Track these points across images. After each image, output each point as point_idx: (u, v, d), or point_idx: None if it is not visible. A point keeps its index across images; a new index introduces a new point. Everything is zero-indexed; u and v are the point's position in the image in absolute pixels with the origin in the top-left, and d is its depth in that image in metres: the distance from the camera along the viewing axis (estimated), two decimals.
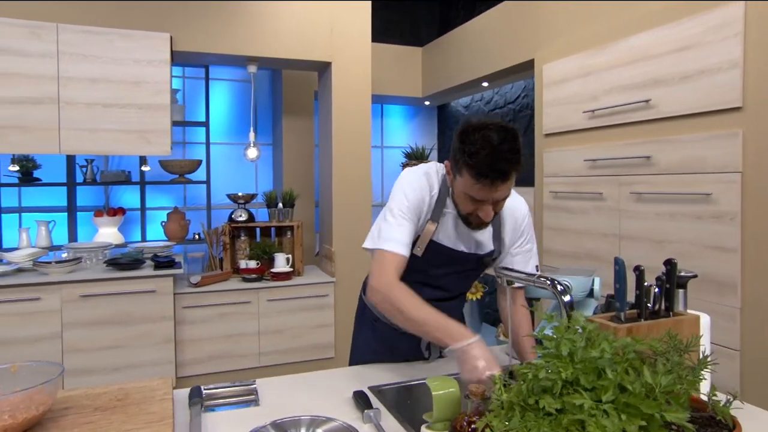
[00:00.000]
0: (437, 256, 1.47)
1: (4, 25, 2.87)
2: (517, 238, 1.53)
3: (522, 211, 1.54)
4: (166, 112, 3.18)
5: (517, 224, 1.52)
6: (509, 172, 1.25)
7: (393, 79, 4.84)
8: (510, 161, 1.24)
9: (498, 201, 1.33)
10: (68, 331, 2.94)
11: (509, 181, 1.28)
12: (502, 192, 1.29)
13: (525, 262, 1.53)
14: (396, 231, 1.39)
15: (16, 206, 4.02)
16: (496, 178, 1.24)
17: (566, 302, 1.04)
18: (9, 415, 1.05)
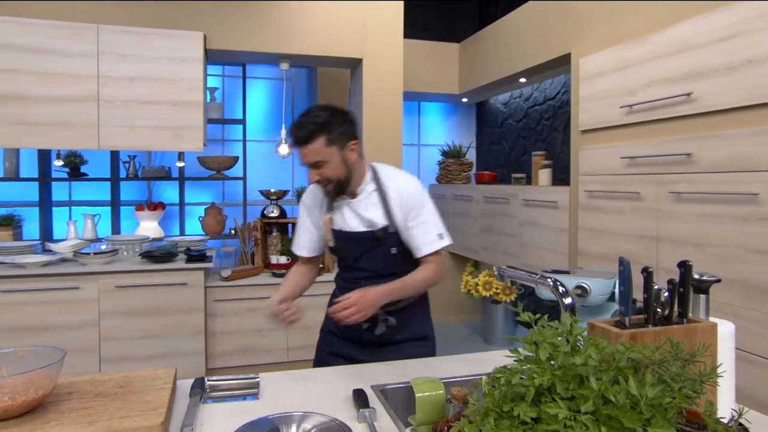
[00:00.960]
0: (342, 241, 1.75)
1: (49, 27, 3.02)
2: (408, 213, 1.69)
3: (408, 188, 1.71)
4: (199, 109, 3.26)
5: (403, 200, 1.69)
6: (298, 137, 1.58)
7: (430, 75, 4.78)
8: (298, 127, 1.58)
9: (316, 165, 1.60)
10: (105, 319, 3.05)
11: (308, 147, 1.58)
12: (309, 156, 1.59)
13: (424, 233, 1.69)
14: (297, 236, 1.88)
15: (66, 200, 4.23)
16: (294, 144, 1.60)
17: (567, 305, 0.98)
18: (9, 397, 1.08)
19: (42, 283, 2.95)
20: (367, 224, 1.70)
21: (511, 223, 3.85)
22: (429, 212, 1.72)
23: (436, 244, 1.70)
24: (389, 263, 1.74)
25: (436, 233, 1.71)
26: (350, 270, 1.81)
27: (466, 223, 4.60)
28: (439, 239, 1.71)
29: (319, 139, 1.58)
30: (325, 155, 1.60)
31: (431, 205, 1.74)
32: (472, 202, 4.49)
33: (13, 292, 2.91)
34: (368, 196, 1.71)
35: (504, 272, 1.18)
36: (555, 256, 3.34)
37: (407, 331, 1.80)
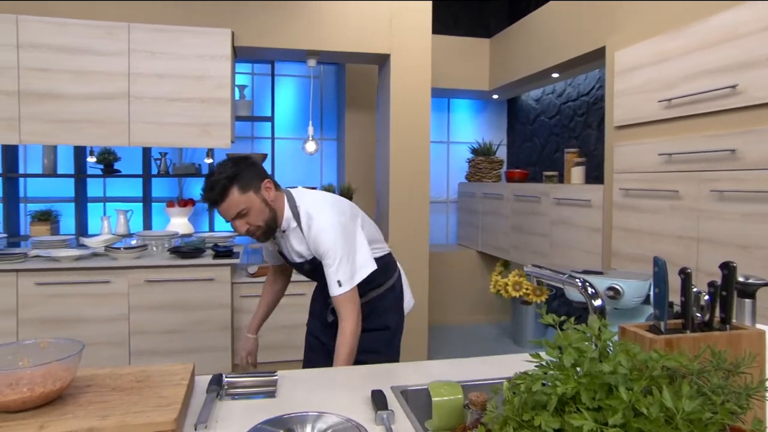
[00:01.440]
0: (290, 261, 1.85)
1: (83, 27, 3.08)
2: (316, 250, 1.70)
3: (315, 228, 1.67)
4: (227, 106, 3.27)
5: (311, 238, 1.69)
6: (212, 198, 1.61)
7: (459, 72, 4.70)
8: (209, 190, 1.61)
9: (239, 216, 1.63)
10: (134, 313, 3.10)
11: (224, 203, 1.61)
12: (230, 210, 1.62)
13: (328, 275, 1.67)
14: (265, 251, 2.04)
15: (101, 196, 4.34)
16: (212, 205, 1.64)
17: (596, 307, 0.91)
18: (27, 388, 1.08)
19: (75, 276, 3.02)
20: (297, 256, 1.79)
21: (542, 222, 3.75)
22: (334, 256, 1.65)
23: (334, 290, 1.66)
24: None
25: (335, 279, 1.65)
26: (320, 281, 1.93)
27: (496, 222, 4.51)
28: (337, 287, 1.66)
29: (233, 190, 1.60)
30: (244, 203, 1.62)
31: (340, 247, 1.65)
32: (502, 201, 4.39)
33: (48, 284, 2.98)
34: (293, 232, 1.74)
35: (531, 271, 1.12)
36: (587, 257, 3.23)
37: (370, 322, 1.87)
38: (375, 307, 1.91)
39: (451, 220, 5.49)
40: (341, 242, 1.65)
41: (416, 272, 3.63)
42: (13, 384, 1.07)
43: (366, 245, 1.75)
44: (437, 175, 5.35)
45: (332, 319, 1.88)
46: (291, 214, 1.72)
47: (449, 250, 5.08)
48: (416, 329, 3.66)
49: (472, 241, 5.04)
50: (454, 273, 4.96)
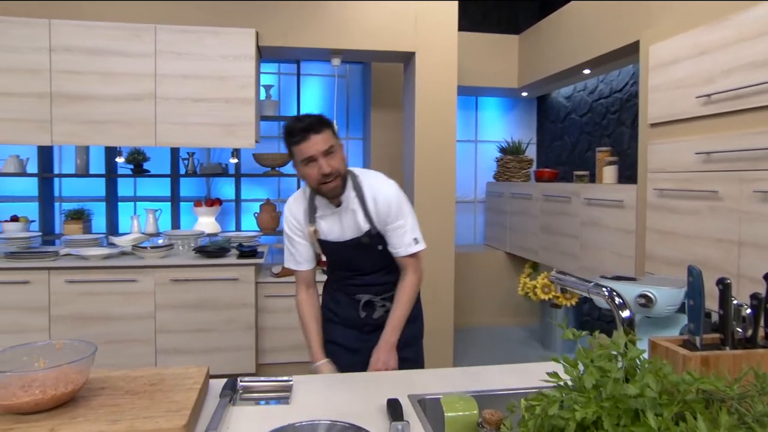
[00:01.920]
0: (330, 249, 1.80)
1: (111, 29, 3.13)
2: (386, 218, 1.73)
3: (384, 194, 1.73)
4: (251, 105, 3.28)
5: (378, 205, 1.72)
6: (311, 123, 1.59)
7: (488, 69, 4.60)
8: (309, 117, 1.62)
9: (326, 155, 1.60)
10: (161, 312, 3.14)
11: (321, 134, 1.59)
12: (320, 143, 1.59)
13: (399, 237, 1.75)
14: (293, 251, 1.84)
15: (131, 195, 4.41)
16: (304, 130, 1.59)
17: (624, 319, 0.84)
18: (40, 391, 1.08)
19: (103, 275, 3.07)
20: (351, 231, 1.76)
21: (572, 223, 3.63)
22: (404, 217, 1.76)
23: (411, 248, 1.76)
24: (376, 261, 1.82)
25: (411, 237, 1.76)
26: (340, 270, 1.87)
27: (525, 223, 4.40)
28: (414, 244, 1.77)
29: (328, 128, 1.64)
30: (334, 142, 1.65)
31: (408, 210, 1.77)
32: (531, 201, 4.28)
33: (78, 282, 3.04)
34: (350, 203, 1.74)
35: (555, 278, 1.06)
36: (619, 260, 3.11)
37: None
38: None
39: (479, 220, 5.40)
40: (407, 205, 1.77)
41: (442, 273, 3.57)
42: (26, 386, 1.07)
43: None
44: (465, 174, 5.26)
45: (364, 315, 1.85)
46: (350, 184, 1.73)
47: (476, 251, 4.99)
48: (441, 331, 3.60)
49: (500, 242, 4.94)
50: (482, 274, 4.87)
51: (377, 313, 1.83)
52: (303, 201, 1.79)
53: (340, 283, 1.89)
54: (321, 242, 1.79)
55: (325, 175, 1.61)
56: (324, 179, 1.62)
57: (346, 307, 1.87)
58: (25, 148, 3.81)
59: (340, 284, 1.88)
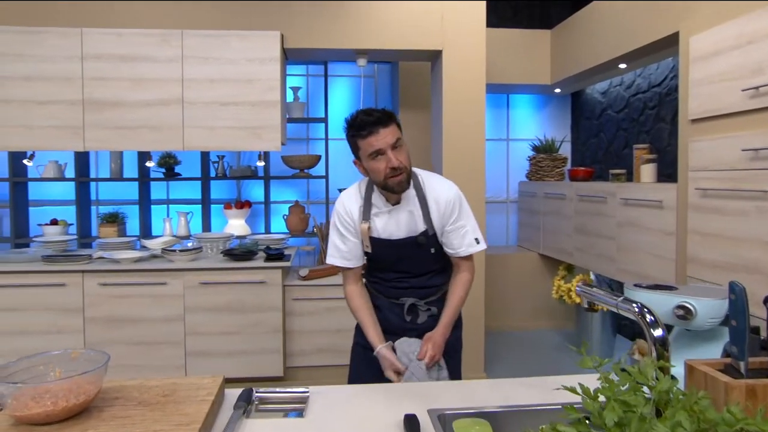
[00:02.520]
0: (382, 247, 1.75)
1: (140, 36, 3.18)
2: (446, 218, 1.72)
3: (446, 194, 1.73)
4: (277, 108, 3.27)
5: (440, 205, 1.71)
6: (380, 116, 1.59)
7: (519, 66, 4.48)
8: (376, 110, 1.61)
9: (394, 148, 1.60)
10: (190, 315, 3.17)
11: (389, 127, 1.59)
12: (389, 136, 1.59)
13: (461, 237, 1.74)
14: (342, 248, 1.78)
15: (164, 198, 4.49)
16: (373, 124, 1.58)
17: (656, 338, 0.76)
18: (51, 402, 1.07)
19: (134, 277, 3.12)
20: (407, 230, 1.73)
21: (608, 224, 3.49)
22: (466, 217, 1.76)
23: (472, 248, 1.75)
24: (426, 263, 1.79)
25: (473, 237, 1.75)
26: (385, 271, 1.83)
27: (559, 224, 4.26)
28: (476, 244, 1.76)
29: (394, 121, 1.65)
30: (401, 136, 1.65)
31: (468, 210, 1.78)
32: (565, 201, 4.14)
33: (109, 285, 3.11)
34: (409, 202, 1.73)
35: (581, 291, 0.98)
36: (659, 263, 2.95)
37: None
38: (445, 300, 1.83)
39: (511, 220, 5.26)
40: (467, 206, 1.78)
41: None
42: (37, 397, 1.07)
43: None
44: (496, 174, 5.14)
45: (409, 320, 1.81)
46: (411, 184, 1.72)
47: (509, 252, 4.87)
48: (472, 335, 3.51)
49: (533, 243, 4.80)
50: (514, 276, 4.75)
51: (421, 318, 1.79)
52: (358, 197, 1.77)
53: (381, 286, 1.83)
54: (373, 240, 1.75)
55: (393, 169, 1.60)
56: (392, 173, 1.61)
57: (387, 313, 1.82)
58: (63, 154, 3.92)
59: (382, 287, 1.83)
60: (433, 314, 1.79)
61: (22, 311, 3.08)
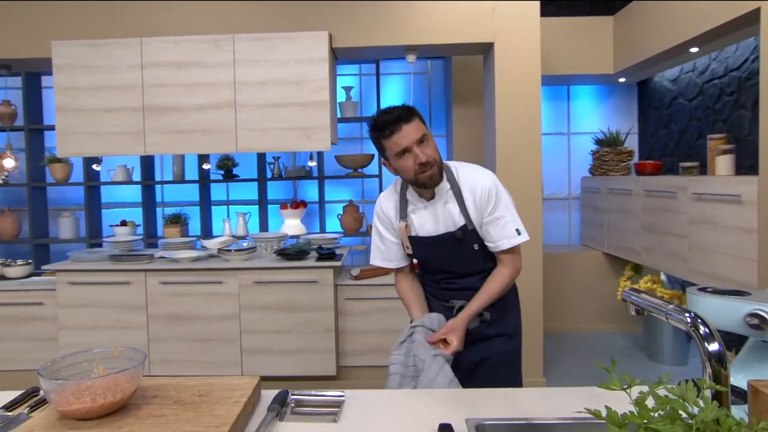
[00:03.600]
0: (422, 246, 1.71)
1: (193, 42, 3.29)
2: (483, 209, 1.64)
3: (481, 185, 1.64)
4: (326, 108, 3.28)
5: (475, 195, 1.64)
6: (400, 114, 1.56)
7: (579, 56, 4.26)
8: (396, 108, 1.58)
9: (419, 144, 1.56)
10: (245, 313, 3.24)
11: (411, 123, 1.56)
12: (413, 132, 1.56)
13: (500, 228, 1.64)
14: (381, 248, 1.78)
15: (224, 199, 4.64)
16: (394, 122, 1.55)
17: (711, 353, 0.66)
18: (90, 399, 1.10)
19: (192, 276, 3.23)
20: (445, 225, 1.67)
21: (678, 221, 3.24)
22: (505, 207, 1.66)
23: (513, 240, 1.65)
24: (471, 261, 1.71)
25: (513, 228, 1.65)
26: (433, 272, 1.78)
27: (624, 221, 4.01)
28: (517, 235, 1.66)
29: (417, 116, 1.60)
30: (426, 130, 1.60)
31: (508, 200, 1.68)
32: (630, 197, 3.89)
33: (169, 284, 3.23)
34: (444, 196, 1.67)
35: (627, 296, 0.88)
36: (738, 263, 2.70)
37: (499, 326, 1.75)
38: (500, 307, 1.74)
39: (574, 218, 5.02)
40: (507, 195, 1.68)
41: (529, 275, 3.34)
42: (77, 393, 1.09)
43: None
44: (557, 169, 4.93)
45: (476, 325, 1.71)
46: (446, 178, 1.67)
47: (572, 251, 4.65)
48: (530, 337, 3.35)
49: (598, 242, 4.56)
50: (577, 276, 4.53)
51: (473, 323, 1.70)
52: (394, 195, 1.75)
53: (432, 288, 1.80)
54: (412, 239, 1.71)
55: (422, 165, 1.57)
56: (421, 169, 1.57)
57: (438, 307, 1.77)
58: (131, 158, 4.14)
59: (433, 288, 1.80)
60: (485, 319, 1.72)
61: (94, 307, 3.27)
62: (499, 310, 1.73)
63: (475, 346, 1.70)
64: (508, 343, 1.74)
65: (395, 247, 1.77)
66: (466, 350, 1.67)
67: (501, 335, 1.75)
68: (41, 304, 3.34)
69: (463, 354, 1.66)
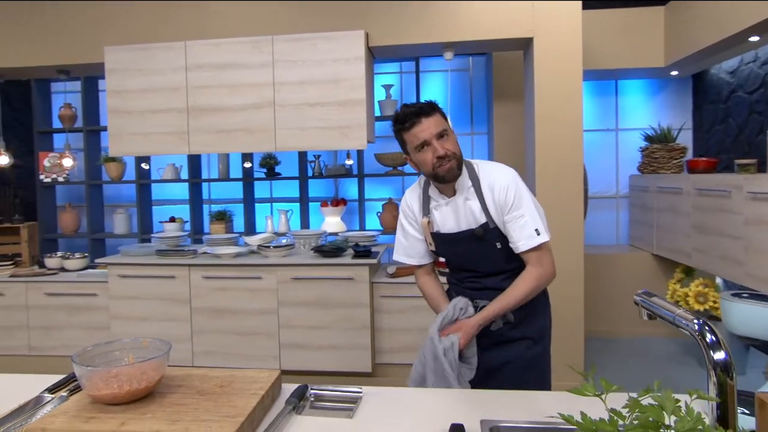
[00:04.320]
0: (443, 243, 1.71)
1: (234, 44, 3.39)
2: (503, 207, 1.62)
3: (500, 182, 1.62)
4: (362, 107, 3.30)
5: (495, 194, 1.62)
6: (421, 107, 1.58)
7: (627, 49, 4.09)
8: (416, 104, 1.60)
9: (439, 138, 1.57)
10: (283, 308, 3.32)
11: (432, 117, 1.57)
12: (432, 126, 1.57)
13: (519, 228, 1.60)
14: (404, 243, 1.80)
15: (267, 197, 4.76)
16: (416, 115, 1.57)
17: (717, 362, 0.62)
18: (117, 385, 1.16)
19: (232, 272, 3.34)
20: (466, 223, 1.67)
21: (733, 222, 3.06)
22: (525, 206, 1.62)
23: (532, 240, 1.60)
24: (495, 260, 1.69)
25: (532, 228, 1.60)
26: (458, 271, 1.79)
27: (674, 221, 3.83)
28: (536, 235, 1.60)
29: (438, 111, 1.62)
30: (446, 126, 1.61)
31: (528, 199, 1.63)
32: (681, 196, 3.71)
33: (212, 278, 3.35)
34: (465, 192, 1.66)
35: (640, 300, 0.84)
36: None
37: (524, 329, 1.71)
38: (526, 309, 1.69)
39: (622, 217, 4.83)
40: (527, 194, 1.64)
41: (569, 276, 3.25)
42: (106, 379, 1.16)
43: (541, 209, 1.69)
44: (604, 167, 4.76)
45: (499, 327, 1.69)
46: (467, 174, 1.67)
47: (619, 252, 4.47)
48: (569, 340, 3.27)
49: (646, 243, 4.37)
50: (624, 278, 4.35)
51: (495, 324, 1.68)
52: (418, 190, 1.76)
53: (457, 287, 1.80)
54: (434, 236, 1.72)
55: (440, 158, 1.58)
56: (439, 162, 1.58)
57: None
58: (179, 157, 4.31)
59: (458, 288, 1.79)
60: (508, 320, 1.69)
61: (143, 299, 3.44)
62: (526, 312, 1.69)
63: (497, 349, 1.68)
64: (532, 348, 1.70)
65: (419, 244, 1.77)
66: (487, 352, 1.65)
67: (525, 339, 1.71)
68: (95, 295, 3.54)
69: (484, 355, 1.64)
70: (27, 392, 1.36)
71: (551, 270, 1.65)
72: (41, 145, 4.49)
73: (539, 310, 1.75)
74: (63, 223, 4.49)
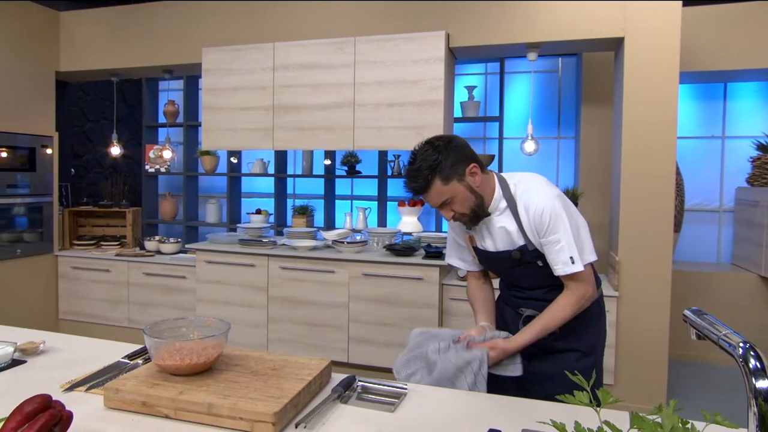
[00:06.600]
0: (486, 259, 1.70)
1: (319, 45, 3.52)
2: (539, 230, 1.57)
3: (535, 205, 1.56)
4: (440, 108, 3.28)
5: (530, 218, 1.57)
6: (415, 188, 1.56)
7: (738, 48, 3.73)
8: (412, 178, 1.56)
9: (444, 205, 1.57)
10: (353, 302, 3.39)
11: (430, 192, 1.55)
12: (434, 200, 1.57)
13: (555, 253, 1.55)
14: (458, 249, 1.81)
15: (348, 194, 4.89)
16: (415, 194, 1.60)
17: (759, 390, 0.56)
18: (179, 358, 1.26)
19: (307, 264, 3.47)
20: (503, 243, 1.64)
21: None
22: (562, 231, 1.54)
23: (567, 268, 1.54)
24: (537, 278, 1.65)
25: (568, 255, 1.53)
26: (507, 285, 1.78)
27: None
28: (571, 263, 1.53)
29: (435, 181, 1.53)
30: (448, 193, 1.55)
31: (566, 222, 1.54)
32: None
33: (288, 269, 3.50)
34: (501, 214, 1.63)
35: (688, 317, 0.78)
36: None
37: (571, 341, 1.64)
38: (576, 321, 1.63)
39: (725, 233, 4.42)
40: (565, 216, 1.55)
41: (654, 295, 3.03)
42: (171, 351, 1.26)
43: (586, 228, 1.61)
44: (706, 177, 4.38)
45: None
46: (501, 194, 1.62)
47: (719, 271, 4.10)
48: (652, 362, 3.04)
49: (753, 263, 3.96)
50: (724, 300, 3.98)
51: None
52: None
53: (505, 293, 1.80)
54: (476, 251, 1.72)
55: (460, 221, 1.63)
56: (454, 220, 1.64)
57: (510, 324, 1.75)
58: (267, 153, 4.55)
59: (505, 294, 1.80)
60: (552, 332, 1.62)
61: (226, 284, 3.67)
62: (574, 325, 1.62)
63: (543, 358, 1.64)
64: (582, 360, 1.62)
65: (466, 252, 1.79)
66: (534, 360, 1.63)
67: (574, 351, 1.64)
68: (184, 278, 3.84)
69: (531, 364, 1.62)
70: (110, 357, 1.53)
71: (590, 292, 1.59)
72: (147, 138, 4.94)
73: (589, 323, 1.68)
74: (163, 209, 4.91)
